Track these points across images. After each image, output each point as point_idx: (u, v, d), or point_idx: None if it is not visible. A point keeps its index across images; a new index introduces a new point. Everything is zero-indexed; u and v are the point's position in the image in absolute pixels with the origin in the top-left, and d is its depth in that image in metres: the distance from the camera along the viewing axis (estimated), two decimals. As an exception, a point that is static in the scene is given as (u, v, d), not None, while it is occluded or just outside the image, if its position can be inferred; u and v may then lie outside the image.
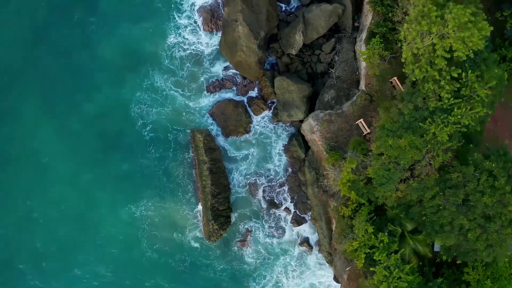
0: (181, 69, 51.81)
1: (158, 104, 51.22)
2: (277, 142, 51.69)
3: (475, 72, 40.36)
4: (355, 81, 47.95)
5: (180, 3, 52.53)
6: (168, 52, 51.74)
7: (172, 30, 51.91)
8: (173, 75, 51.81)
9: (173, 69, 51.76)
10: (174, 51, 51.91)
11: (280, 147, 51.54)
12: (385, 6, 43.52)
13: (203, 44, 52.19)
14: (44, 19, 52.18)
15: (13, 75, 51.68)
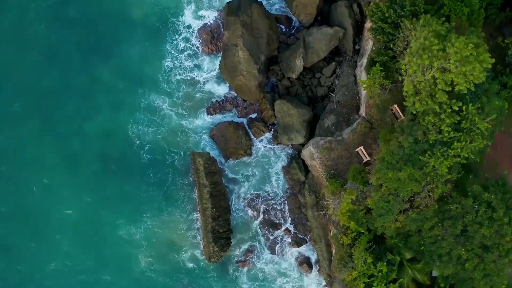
0: (180, 91, 51.93)
1: (160, 126, 51.31)
2: (277, 164, 51.91)
3: (475, 104, 40.47)
4: (355, 106, 48.00)
5: (180, 25, 52.34)
6: (167, 74, 51.79)
7: (172, 52, 51.89)
8: (172, 96, 51.93)
9: (171, 91, 51.93)
10: (173, 73, 52.06)
11: (280, 169, 51.79)
12: (386, 35, 43.37)
13: (203, 66, 52.16)
14: (44, 40, 52.10)
15: (13, 96, 51.56)
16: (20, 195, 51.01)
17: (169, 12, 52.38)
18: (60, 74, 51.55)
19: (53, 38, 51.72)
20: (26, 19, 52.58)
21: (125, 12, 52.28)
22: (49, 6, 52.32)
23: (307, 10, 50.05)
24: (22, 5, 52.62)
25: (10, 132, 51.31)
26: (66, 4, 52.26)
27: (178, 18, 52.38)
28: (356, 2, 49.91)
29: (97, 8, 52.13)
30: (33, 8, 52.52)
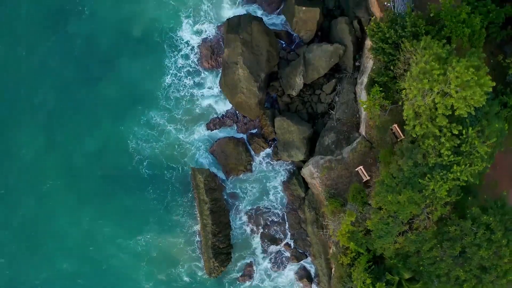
0: (180, 106, 51.97)
1: (160, 141, 51.51)
2: (277, 179, 52.06)
3: (475, 127, 40.44)
4: (355, 124, 47.98)
5: (179, 40, 52.25)
6: (166, 90, 51.88)
7: (171, 68, 51.80)
8: (172, 112, 51.97)
9: (171, 107, 51.99)
10: (172, 89, 52.10)
11: (280, 184, 51.93)
12: (387, 55, 43.18)
13: (202, 82, 52.18)
14: (44, 55, 51.90)
15: (13, 111, 51.58)
16: (19, 208, 51.10)
17: (168, 27, 52.40)
18: (60, 89, 51.63)
19: (53, 53, 51.53)
20: (27, 33, 52.34)
21: (124, 28, 52.27)
22: (49, 21, 52.04)
23: (307, 27, 49.93)
24: (23, 20, 52.45)
25: (9, 146, 51.35)
26: (66, 20, 52.16)
27: (177, 34, 52.33)
28: (356, 18, 49.70)
29: (97, 24, 52.01)
30: (34, 23, 52.31)
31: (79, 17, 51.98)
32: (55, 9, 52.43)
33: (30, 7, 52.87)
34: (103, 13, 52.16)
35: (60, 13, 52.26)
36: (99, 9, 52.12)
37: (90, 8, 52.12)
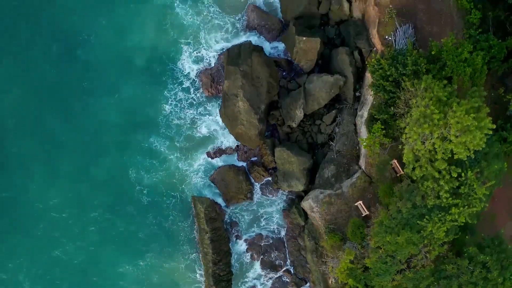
0: (180, 134, 52.03)
1: (160, 169, 51.76)
2: (277, 207, 52.39)
3: (474, 169, 40.68)
4: (355, 156, 48.04)
5: (180, 69, 52.03)
6: (167, 118, 51.88)
7: (172, 96, 51.77)
8: (172, 140, 52.10)
9: (172, 135, 52.09)
10: (173, 117, 52.08)
11: (280, 212, 52.25)
12: (388, 92, 43.18)
13: (203, 110, 52.11)
14: (46, 82, 51.70)
15: (15, 136, 51.46)
16: (20, 231, 51.26)
17: (169, 56, 52.25)
18: (62, 117, 51.49)
19: (55, 81, 51.38)
20: (29, 59, 51.95)
21: (127, 57, 52.25)
22: (52, 49, 51.83)
23: (307, 56, 49.58)
24: (25, 46, 52.08)
25: (10, 172, 51.45)
26: (69, 48, 51.96)
27: (177, 62, 52.21)
28: (357, 49, 49.41)
29: (100, 53, 51.89)
30: (37, 49, 51.95)
31: (81, 45, 51.79)
32: (58, 37, 51.98)
33: (33, 32, 52.31)
34: (105, 41, 52.10)
35: (62, 41, 51.94)
36: (102, 38, 51.98)
37: (93, 36, 51.93)
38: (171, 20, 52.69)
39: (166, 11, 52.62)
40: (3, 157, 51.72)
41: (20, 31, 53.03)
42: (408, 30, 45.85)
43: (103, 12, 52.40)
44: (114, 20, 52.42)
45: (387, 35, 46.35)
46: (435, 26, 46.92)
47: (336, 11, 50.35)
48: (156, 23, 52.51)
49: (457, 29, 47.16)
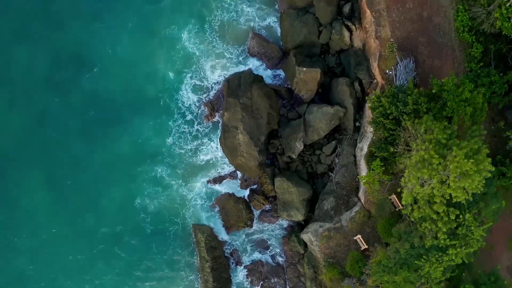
0: (182, 162, 52.21)
1: (163, 197, 52.05)
2: (277, 234, 52.59)
3: (472, 210, 41.01)
4: (354, 188, 48.28)
5: (183, 98, 52.27)
6: (170, 147, 52.04)
7: (176, 124, 52.03)
8: (175, 168, 52.27)
9: (174, 163, 52.21)
10: (177, 145, 52.09)
11: (279, 239, 52.51)
12: (387, 130, 43.15)
13: (204, 139, 52.14)
14: (51, 112, 51.88)
15: (20, 166, 51.87)
16: (26, 267, 51.85)
17: (172, 85, 52.50)
18: (67, 147, 51.81)
19: (60, 111, 51.63)
20: (34, 89, 52.19)
21: (131, 87, 52.62)
22: (57, 78, 52.03)
23: (307, 86, 49.38)
24: (29, 75, 52.27)
25: (16, 202, 51.74)
26: (74, 78, 52.06)
27: (180, 92, 52.55)
28: (357, 79, 49.27)
29: (105, 83, 52.13)
30: (40, 80, 52.14)
31: (86, 75, 51.81)
32: (64, 66, 52.05)
33: (38, 61, 52.35)
34: (110, 71, 52.18)
35: (67, 71, 52.04)
36: (106, 67, 52.05)
37: (98, 66, 51.91)
38: (175, 50, 52.79)
39: (170, 41, 52.69)
40: (9, 184, 51.75)
41: (25, 59, 52.92)
42: (409, 65, 45.66)
43: (108, 42, 52.52)
44: (119, 50, 52.58)
45: (387, 70, 46.15)
46: (436, 59, 46.77)
47: (336, 40, 50.07)
48: (160, 53, 52.69)
49: (458, 62, 47.06)
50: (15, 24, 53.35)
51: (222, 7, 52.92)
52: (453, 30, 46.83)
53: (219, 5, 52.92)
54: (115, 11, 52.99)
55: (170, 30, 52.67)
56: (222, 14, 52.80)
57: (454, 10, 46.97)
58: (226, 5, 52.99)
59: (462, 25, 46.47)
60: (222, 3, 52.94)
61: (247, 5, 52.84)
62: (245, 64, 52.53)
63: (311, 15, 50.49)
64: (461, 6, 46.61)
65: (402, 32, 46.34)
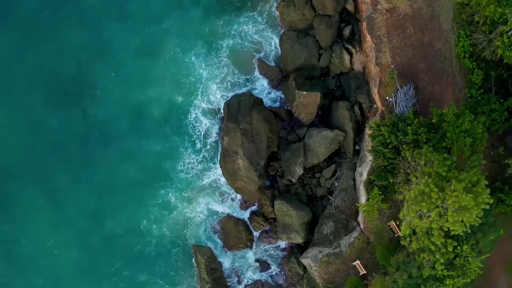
0: (189, 185, 52.14)
1: (168, 219, 52.12)
2: (277, 255, 52.69)
3: (470, 241, 41.27)
4: (354, 212, 48.54)
5: (189, 121, 52.11)
6: (179, 170, 51.88)
7: (181, 148, 52.02)
8: (182, 191, 52.12)
9: (181, 186, 51.99)
10: (184, 169, 51.97)
11: (279, 259, 52.73)
12: (387, 159, 43.17)
13: (210, 161, 52.04)
14: (58, 134, 51.79)
15: (26, 188, 51.81)
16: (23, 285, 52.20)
17: (178, 109, 52.39)
18: (75, 169, 51.79)
19: (67, 133, 51.64)
20: (38, 110, 52.12)
21: (137, 110, 52.40)
22: (62, 99, 51.99)
23: (307, 110, 49.34)
24: (31, 96, 52.18)
25: (19, 222, 51.88)
26: (79, 100, 52.00)
27: (188, 115, 52.23)
28: (357, 103, 49.21)
29: (110, 105, 51.98)
30: (45, 101, 52.12)
31: (89, 98, 51.78)
32: (67, 88, 52.02)
33: (41, 82, 52.29)
34: (115, 94, 52.15)
35: (73, 93, 51.96)
36: (111, 90, 51.99)
37: (101, 89, 51.84)
38: (181, 73, 52.61)
39: (176, 64, 52.50)
40: (12, 206, 51.82)
41: (27, 81, 52.63)
42: (409, 91, 45.54)
43: (112, 63, 52.33)
44: (124, 72, 52.32)
45: (388, 96, 46.09)
46: (437, 85, 46.62)
47: (336, 64, 49.87)
48: (165, 75, 52.55)
49: (458, 88, 46.92)
50: (16, 43, 52.86)
51: (228, 30, 52.79)
52: (454, 56, 46.60)
53: (225, 28, 52.70)
54: (117, 32, 52.68)
55: (175, 52, 52.60)
56: (227, 37, 52.74)
57: (455, 36, 46.74)
58: (231, 28, 52.70)
59: (463, 51, 46.26)
60: (228, 26, 52.72)
61: (251, 27, 52.58)
62: (250, 86, 52.33)
63: (311, 38, 50.39)
64: (462, 31, 46.43)
65: (403, 58, 46.22)
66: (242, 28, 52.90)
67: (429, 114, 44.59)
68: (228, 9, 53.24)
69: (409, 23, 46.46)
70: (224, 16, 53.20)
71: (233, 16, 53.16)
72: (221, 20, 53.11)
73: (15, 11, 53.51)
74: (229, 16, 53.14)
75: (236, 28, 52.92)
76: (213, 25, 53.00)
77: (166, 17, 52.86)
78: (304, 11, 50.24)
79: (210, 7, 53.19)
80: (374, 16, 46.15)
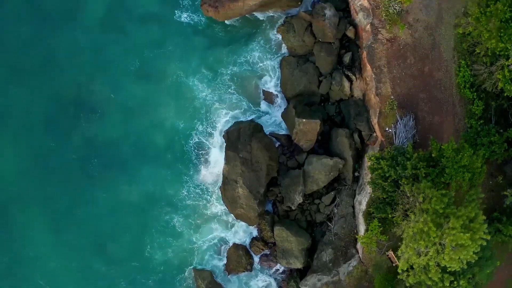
0: (193, 212, 52.08)
1: (172, 245, 51.96)
2: (276, 277, 52.64)
3: (467, 275, 41.57)
4: (353, 239, 48.74)
5: (192, 148, 51.84)
6: (184, 197, 51.78)
7: (185, 174, 51.80)
8: (187, 218, 52.04)
9: (187, 213, 51.94)
10: (188, 197, 51.89)
11: (279, 282, 52.69)
12: (386, 192, 43.29)
13: (211, 189, 52.14)
14: (59, 159, 51.75)
15: (30, 216, 51.76)
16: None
17: (182, 134, 51.89)
18: (77, 195, 51.66)
19: (67, 158, 51.53)
20: (37, 136, 51.91)
21: (135, 135, 52.02)
22: (63, 122, 51.86)
23: (307, 137, 49.26)
24: (30, 119, 52.02)
25: (19, 246, 51.85)
26: (76, 125, 51.76)
27: (189, 141, 51.78)
28: (357, 130, 49.11)
29: (111, 129, 51.84)
30: (44, 124, 51.99)
31: (91, 121, 51.56)
32: (66, 111, 51.82)
33: (40, 104, 52.16)
34: (116, 118, 51.91)
35: (71, 116, 51.73)
36: (112, 114, 51.77)
37: (103, 112, 51.69)
38: (185, 97, 52.39)
39: (179, 89, 52.28)
40: (12, 230, 51.70)
41: (25, 104, 52.29)
42: (408, 122, 45.44)
43: (113, 86, 52.01)
44: (124, 95, 52.09)
45: (387, 127, 46.01)
46: (437, 115, 46.47)
47: (336, 91, 49.70)
48: (168, 100, 52.35)
49: (458, 118, 46.79)
50: (14, 66, 52.56)
51: (232, 55, 52.69)
52: (454, 86, 46.42)
53: (229, 53, 52.59)
54: (117, 55, 52.46)
55: (177, 77, 52.30)
56: (231, 63, 52.55)
57: (456, 65, 46.48)
58: (235, 53, 52.58)
59: (463, 81, 46.08)
60: (232, 51, 52.62)
61: (256, 53, 52.41)
62: (253, 111, 52.17)
63: (311, 64, 50.16)
64: (463, 61, 46.17)
65: (403, 89, 46.07)
66: (246, 53, 52.68)
67: (428, 146, 44.44)
68: (232, 34, 52.88)
69: (410, 52, 46.29)
70: (227, 41, 53.09)
71: (236, 42, 52.92)
72: (225, 45, 53.02)
73: (12, 33, 53.00)
74: (232, 41, 52.96)
75: (240, 53, 52.75)
76: (216, 50, 52.83)
77: (167, 42, 52.53)
78: (304, 37, 50.09)
79: (213, 33, 52.80)
80: (374, 46, 45.93)
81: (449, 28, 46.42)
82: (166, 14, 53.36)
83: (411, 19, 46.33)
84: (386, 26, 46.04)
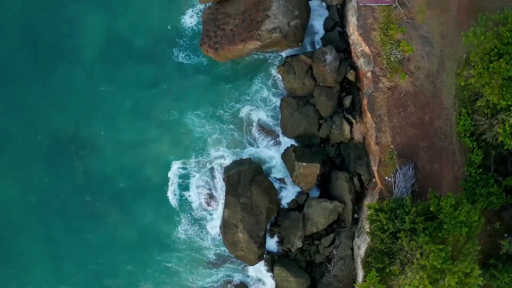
0: (186, 247, 52.40)
1: (168, 284, 52.42)
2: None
3: (462, 326, 42.64)
4: (351, 281, 49.52)
5: (186, 187, 52.10)
6: (174, 232, 52.19)
7: (179, 212, 52.03)
8: (181, 253, 52.53)
9: (180, 249, 52.26)
10: (179, 232, 52.27)
11: (278, 318, 55.12)
12: (384, 244, 43.73)
13: (206, 225, 52.36)
14: (48, 192, 52.16)
15: (22, 247, 52.55)
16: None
17: (179, 171, 51.84)
18: (68, 230, 52.14)
19: (57, 191, 51.89)
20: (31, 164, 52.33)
21: (127, 173, 52.16)
22: (53, 153, 52.24)
23: (307, 179, 49.40)
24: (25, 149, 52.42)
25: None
26: (68, 157, 52.15)
27: (183, 180, 51.85)
28: (357, 174, 49.32)
29: (99, 165, 52.18)
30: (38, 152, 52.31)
31: (82, 157, 51.83)
32: (58, 146, 52.10)
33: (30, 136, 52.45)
34: (109, 153, 52.01)
35: (63, 152, 52.04)
36: (103, 149, 51.94)
37: (89, 148, 51.93)
38: (180, 135, 52.30)
39: (174, 124, 52.16)
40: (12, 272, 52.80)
41: (17, 138, 52.58)
42: (408, 172, 45.47)
43: (108, 124, 52.06)
44: (120, 133, 52.13)
45: (387, 176, 46.11)
46: (436, 163, 46.47)
47: (336, 135, 49.63)
48: (162, 138, 52.16)
49: (458, 166, 46.72)
50: (10, 101, 52.70)
51: (232, 92, 52.37)
52: (454, 134, 46.27)
53: (229, 91, 52.37)
54: (109, 92, 52.33)
55: (171, 115, 52.16)
56: (232, 99, 52.29)
57: (457, 113, 46.33)
58: (234, 91, 52.33)
59: (464, 129, 45.88)
60: (232, 89, 52.37)
61: (255, 91, 52.18)
62: (252, 150, 52.15)
63: (312, 107, 49.99)
64: (464, 109, 46.00)
65: (403, 138, 45.96)
66: (246, 91, 52.38)
67: (427, 194, 44.63)
68: (230, 73, 52.54)
69: (411, 101, 46.03)
70: (226, 78, 52.67)
71: (235, 80, 52.57)
72: (224, 83, 52.63)
73: (7, 69, 52.88)
74: (231, 79, 52.58)
75: (240, 91, 52.40)
76: (215, 88, 52.52)
77: (164, 80, 52.34)
78: (305, 80, 49.79)
79: (212, 71, 52.53)
80: (375, 95, 45.63)
81: (450, 75, 46.05)
82: (164, 53, 52.77)
83: (412, 66, 45.99)
84: (387, 75, 45.73)
